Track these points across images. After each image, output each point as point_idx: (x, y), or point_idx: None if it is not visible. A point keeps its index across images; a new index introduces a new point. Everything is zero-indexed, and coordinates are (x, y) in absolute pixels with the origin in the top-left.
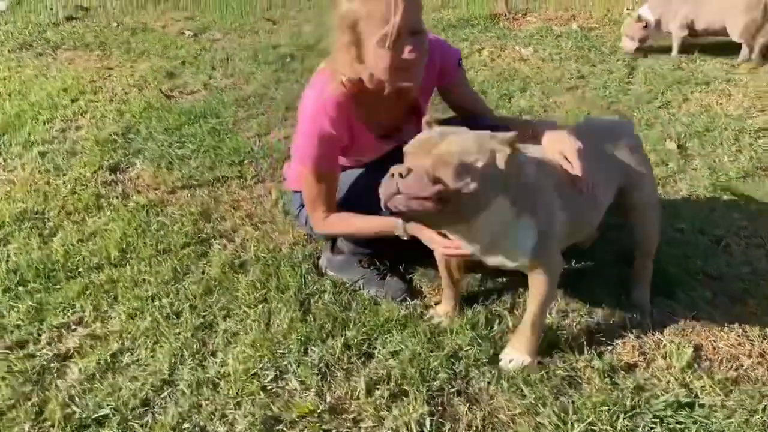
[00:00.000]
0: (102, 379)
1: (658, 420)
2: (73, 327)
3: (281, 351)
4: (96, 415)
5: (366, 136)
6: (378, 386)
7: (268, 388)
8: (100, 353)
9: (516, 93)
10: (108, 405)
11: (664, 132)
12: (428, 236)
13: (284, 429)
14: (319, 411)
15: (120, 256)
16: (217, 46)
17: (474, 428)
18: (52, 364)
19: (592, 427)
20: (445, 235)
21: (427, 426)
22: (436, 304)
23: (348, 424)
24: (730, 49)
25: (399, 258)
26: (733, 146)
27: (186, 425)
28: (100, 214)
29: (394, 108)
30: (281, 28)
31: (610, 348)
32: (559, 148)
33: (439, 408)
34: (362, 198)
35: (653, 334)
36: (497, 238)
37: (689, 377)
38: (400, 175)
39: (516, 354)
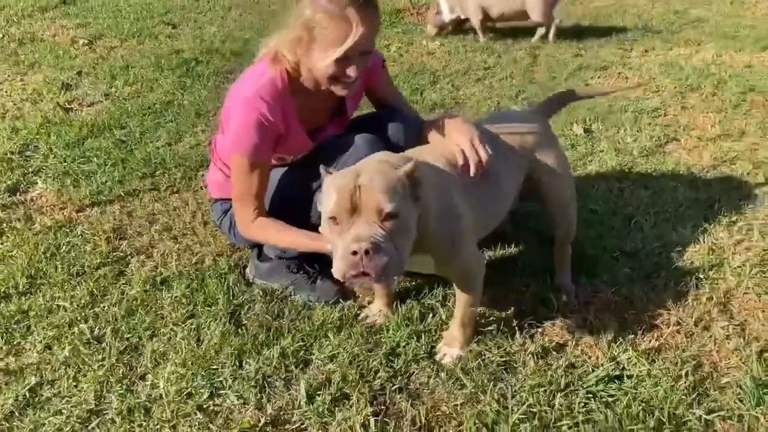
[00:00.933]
0: (22, 416)
1: (591, 395)
2: None
3: (215, 367)
4: None
5: (298, 130)
6: (319, 392)
7: (205, 407)
8: (17, 389)
9: (426, 87)
10: None
11: (571, 117)
12: None
13: None
14: (260, 425)
15: (29, 283)
16: (116, 54)
17: (418, 423)
18: None
19: (531, 409)
20: None
21: (372, 427)
22: (369, 302)
23: None
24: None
25: (328, 260)
26: (634, 126)
27: None
28: (3, 240)
29: (324, 104)
30: (182, 32)
31: (540, 330)
32: (457, 142)
33: (383, 407)
34: (288, 201)
35: (579, 313)
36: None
37: (616, 350)
38: (366, 252)
39: (449, 349)
